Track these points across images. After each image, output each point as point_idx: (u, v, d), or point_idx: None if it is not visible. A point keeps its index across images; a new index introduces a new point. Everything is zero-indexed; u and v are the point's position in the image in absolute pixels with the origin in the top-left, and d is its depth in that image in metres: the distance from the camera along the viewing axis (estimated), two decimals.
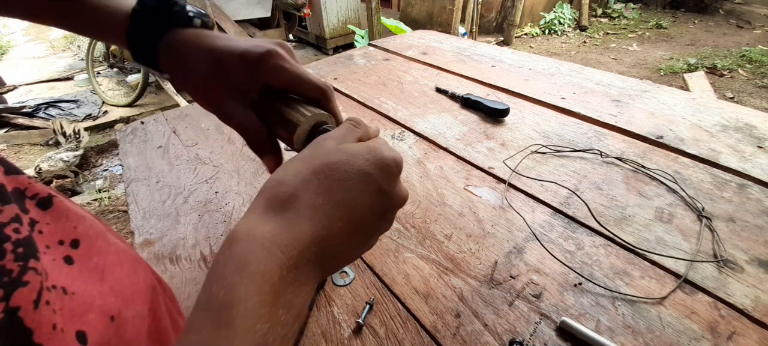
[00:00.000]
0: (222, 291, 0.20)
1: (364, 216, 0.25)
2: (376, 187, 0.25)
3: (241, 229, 0.22)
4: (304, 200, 0.23)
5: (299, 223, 0.23)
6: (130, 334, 0.25)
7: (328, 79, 0.96)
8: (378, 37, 3.20)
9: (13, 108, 3.05)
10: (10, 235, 0.20)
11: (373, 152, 0.26)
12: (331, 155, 0.25)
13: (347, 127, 0.29)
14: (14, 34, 5.70)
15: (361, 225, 0.25)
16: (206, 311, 0.20)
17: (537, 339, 0.36)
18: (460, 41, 1.15)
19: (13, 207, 0.21)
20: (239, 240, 0.22)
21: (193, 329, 0.19)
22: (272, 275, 0.21)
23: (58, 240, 0.24)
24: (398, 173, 0.27)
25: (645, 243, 0.46)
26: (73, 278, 0.23)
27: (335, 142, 0.27)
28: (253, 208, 0.24)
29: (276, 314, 0.21)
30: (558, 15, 4.88)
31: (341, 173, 0.24)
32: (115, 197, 2.20)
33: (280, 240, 0.22)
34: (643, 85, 0.82)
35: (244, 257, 0.21)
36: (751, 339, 0.35)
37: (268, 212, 0.23)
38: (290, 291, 0.22)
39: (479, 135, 0.69)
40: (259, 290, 0.20)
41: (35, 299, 0.19)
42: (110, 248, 0.27)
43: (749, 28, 4.54)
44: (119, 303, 0.25)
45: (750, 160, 0.58)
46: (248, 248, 0.21)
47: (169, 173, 0.65)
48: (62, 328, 0.20)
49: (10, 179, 0.23)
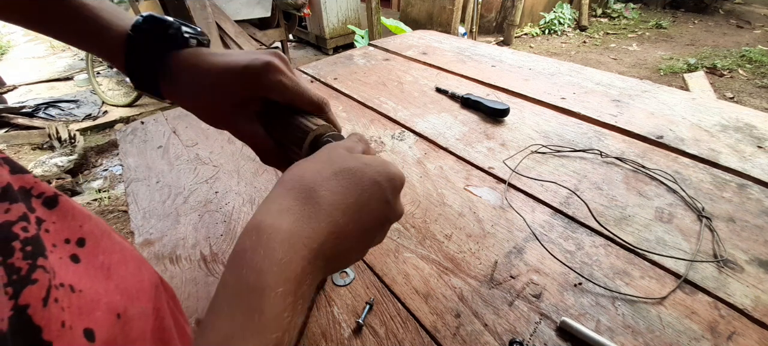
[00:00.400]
0: (252, 276, 0.20)
1: (370, 221, 0.27)
2: (383, 196, 0.27)
3: (265, 218, 0.23)
4: (323, 196, 0.25)
5: (318, 218, 0.24)
6: (136, 332, 0.25)
7: (328, 79, 0.96)
8: (378, 37, 3.20)
9: (13, 108, 3.05)
10: (19, 233, 0.20)
11: (385, 165, 0.28)
12: (348, 161, 0.27)
13: (355, 140, 0.31)
14: (14, 34, 5.70)
15: (367, 230, 0.27)
16: (237, 296, 0.20)
17: (537, 339, 0.37)
18: (460, 41, 1.15)
19: (21, 206, 0.22)
20: (265, 229, 0.22)
21: (223, 312, 0.20)
22: (296, 265, 0.22)
23: (64, 239, 0.24)
24: (401, 188, 0.29)
25: (645, 243, 0.46)
26: (79, 276, 0.23)
27: (347, 150, 0.29)
28: (275, 197, 0.25)
29: (296, 304, 0.21)
30: (558, 15, 4.88)
31: (356, 178, 0.26)
32: (115, 197, 2.20)
33: (302, 232, 0.23)
34: (643, 85, 0.82)
35: (271, 245, 0.21)
36: (751, 339, 0.35)
37: (290, 202, 0.24)
38: (307, 283, 0.23)
39: (479, 135, 0.69)
40: (286, 279, 0.21)
41: (44, 297, 0.19)
42: (115, 246, 0.28)
43: (749, 28, 4.54)
44: (125, 301, 0.25)
45: (750, 160, 0.58)
46: (276, 237, 0.22)
47: (169, 173, 0.65)
48: (71, 325, 0.21)
49: (15, 177, 0.23)
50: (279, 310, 0.20)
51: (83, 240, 0.25)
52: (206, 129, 0.76)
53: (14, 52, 4.98)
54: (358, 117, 0.77)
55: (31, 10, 0.34)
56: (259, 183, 0.61)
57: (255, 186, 0.60)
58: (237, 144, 0.71)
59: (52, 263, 0.21)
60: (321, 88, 0.92)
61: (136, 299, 0.27)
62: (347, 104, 0.83)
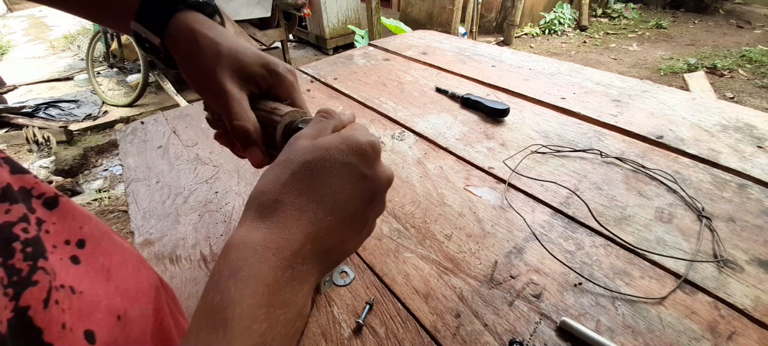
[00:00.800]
0: (217, 296, 0.20)
1: (351, 205, 0.25)
2: (357, 173, 0.25)
3: (234, 239, 0.23)
4: (287, 203, 0.24)
5: (287, 225, 0.23)
6: (136, 333, 0.25)
7: (328, 79, 0.96)
8: (378, 37, 3.20)
9: (13, 108, 3.05)
10: (19, 234, 0.20)
11: (347, 140, 0.26)
12: (306, 154, 0.25)
13: (318, 121, 0.29)
14: (14, 34, 5.70)
15: (351, 214, 0.26)
16: (203, 318, 0.20)
17: (537, 339, 0.36)
18: (460, 41, 1.15)
19: (21, 206, 0.22)
20: (232, 248, 0.22)
21: (191, 335, 0.20)
22: (266, 276, 0.21)
23: (64, 240, 0.24)
24: (376, 155, 0.27)
25: (645, 243, 0.46)
26: (80, 277, 0.23)
27: (309, 139, 0.27)
28: (243, 220, 0.24)
29: (274, 314, 0.21)
30: (558, 15, 4.88)
31: (318, 168, 0.25)
32: (115, 197, 2.20)
33: (271, 243, 0.22)
34: (643, 85, 0.82)
35: (236, 263, 0.22)
36: (751, 339, 0.35)
37: (256, 220, 0.24)
38: (288, 290, 0.22)
39: (479, 135, 0.69)
40: (253, 292, 0.21)
41: (45, 299, 0.19)
42: (115, 248, 0.28)
43: (749, 28, 4.54)
44: (125, 302, 0.25)
45: (750, 160, 0.58)
46: (240, 255, 0.22)
47: (169, 173, 0.65)
48: (71, 327, 0.21)
49: (16, 177, 0.23)
50: (247, 323, 0.20)
51: (83, 241, 0.25)
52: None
53: (14, 52, 4.98)
54: (359, 117, 0.77)
55: None
56: None
57: None
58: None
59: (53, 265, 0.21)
60: (321, 88, 0.92)
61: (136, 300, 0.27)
62: (347, 104, 0.83)
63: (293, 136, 0.28)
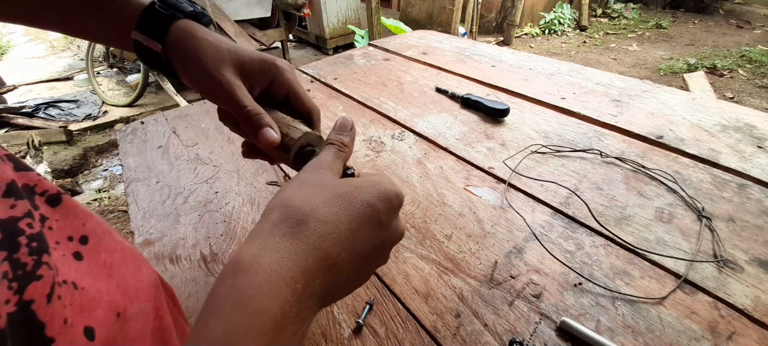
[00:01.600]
0: (219, 327, 0.19)
1: (364, 247, 0.25)
2: (377, 219, 0.25)
3: (247, 255, 0.21)
4: (312, 227, 0.23)
5: (307, 252, 0.22)
6: (135, 331, 0.25)
7: (328, 79, 0.96)
8: (378, 37, 3.20)
9: (13, 108, 3.05)
10: (24, 229, 0.20)
11: (377, 186, 0.26)
12: (338, 187, 0.26)
13: (335, 152, 0.30)
14: (14, 34, 5.70)
15: (361, 256, 0.25)
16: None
17: (537, 339, 0.36)
18: (460, 41, 1.15)
19: (25, 202, 0.22)
20: (244, 269, 0.21)
21: None
22: (275, 312, 0.20)
23: (67, 236, 0.24)
24: (399, 207, 0.27)
25: (645, 243, 0.46)
26: (82, 273, 0.23)
27: (331, 171, 0.28)
28: (260, 230, 0.23)
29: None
30: (558, 15, 4.88)
31: (347, 202, 0.25)
32: (115, 197, 2.20)
33: (286, 272, 0.21)
34: (643, 85, 0.82)
35: (246, 291, 0.20)
36: (751, 339, 0.35)
37: (276, 236, 0.22)
38: (291, 327, 0.21)
39: (479, 135, 0.69)
40: (260, 330, 0.19)
41: (48, 293, 0.20)
42: (116, 245, 0.28)
43: (749, 28, 4.54)
44: (125, 300, 0.25)
45: (750, 160, 0.58)
46: (253, 281, 0.20)
47: (169, 173, 0.65)
48: (72, 323, 0.21)
49: (19, 175, 0.23)
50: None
51: (86, 238, 0.25)
52: (206, 129, 0.76)
53: (14, 52, 4.98)
54: (358, 117, 0.77)
55: None
56: (259, 183, 0.61)
57: (255, 186, 0.60)
58: (237, 144, 0.70)
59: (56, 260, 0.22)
60: (321, 88, 0.92)
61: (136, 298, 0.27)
62: (347, 104, 0.83)
63: (316, 163, 0.29)
